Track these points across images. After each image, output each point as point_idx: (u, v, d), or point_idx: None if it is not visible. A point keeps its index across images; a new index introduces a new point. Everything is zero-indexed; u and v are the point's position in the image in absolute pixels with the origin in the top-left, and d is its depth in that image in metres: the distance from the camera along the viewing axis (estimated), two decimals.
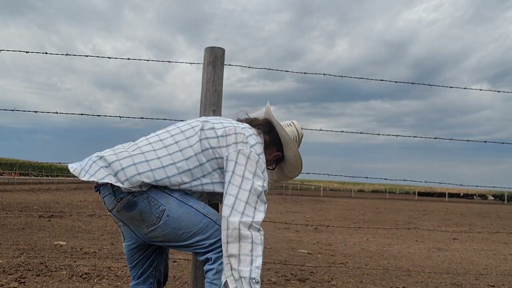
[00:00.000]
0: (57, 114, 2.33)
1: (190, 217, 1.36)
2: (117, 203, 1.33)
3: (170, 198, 1.36)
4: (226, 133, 1.43)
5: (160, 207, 1.33)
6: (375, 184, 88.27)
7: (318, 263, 4.34)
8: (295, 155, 1.67)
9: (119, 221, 1.42)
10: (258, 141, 1.49)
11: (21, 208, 8.94)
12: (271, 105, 1.67)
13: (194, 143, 1.40)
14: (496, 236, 8.01)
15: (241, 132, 1.45)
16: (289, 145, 1.65)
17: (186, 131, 1.45)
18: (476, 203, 33.21)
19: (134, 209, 1.33)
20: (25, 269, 3.22)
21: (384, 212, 15.32)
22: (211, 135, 1.43)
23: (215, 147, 1.41)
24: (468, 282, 3.67)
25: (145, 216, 1.33)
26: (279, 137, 1.66)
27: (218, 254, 1.35)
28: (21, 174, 42.48)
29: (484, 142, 2.89)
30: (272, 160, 1.71)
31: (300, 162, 1.69)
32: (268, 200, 4.86)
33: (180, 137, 1.43)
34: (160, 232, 1.35)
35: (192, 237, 1.36)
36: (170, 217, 1.34)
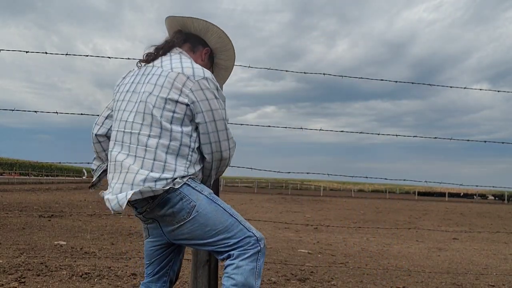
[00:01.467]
0: (57, 114, 2.33)
1: (217, 215, 1.41)
2: (151, 202, 1.36)
3: (200, 195, 1.41)
4: (169, 88, 1.41)
5: (191, 203, 1.37)
6: (375, 184, 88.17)
7: (318, 263, 4.34)
8: (219, 35, 1.63)
9: (147, 220, 1.45)
10: (191, 62, 1.48)
11: (21, 208, 8.94)
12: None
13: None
14: (496, 236, 8.01)
15: (176, 73, 1.43)
16: (209, 31, 1.62)
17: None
18: (476, 203, 33.20)
19: (167, 205, 1.36)
20: (25, 269, 3.22)
21: (384, 212, 15.33)
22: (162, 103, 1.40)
23: (175, 109, 1.41)
24: (468, 282, 3.67)
25: (177, 212, 1.37)
26: (197, 35, 1.63)
27: (240, 251, 1.39)
28: (21, 174, 42.48)
29: (484, 142, 2.89)
30: (207, 61, 1.68)
31: (228, 40, 1.65)
32: (268, 200, 4.84)
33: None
34: (188, 227, 1.38)
35: (217, 234, 1.39)
36: (199, 213, 1.38)
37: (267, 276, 3.45)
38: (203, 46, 1.66)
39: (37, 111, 2.32)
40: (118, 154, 1.42)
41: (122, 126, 1.45)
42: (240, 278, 1.35)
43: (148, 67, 1.52)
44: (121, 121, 1.46)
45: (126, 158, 1.40)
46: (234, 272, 1.36)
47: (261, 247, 1.43)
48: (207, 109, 1.43)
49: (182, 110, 1.41)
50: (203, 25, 1.60)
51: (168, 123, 1.40)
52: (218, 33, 1.63)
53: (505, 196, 43.83)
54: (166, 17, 1.64)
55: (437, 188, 67.82)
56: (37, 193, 15.55)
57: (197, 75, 1.44)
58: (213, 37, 1.65)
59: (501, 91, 2.87)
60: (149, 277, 1.59)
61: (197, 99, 1.42)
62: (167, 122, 1.40)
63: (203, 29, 1.62)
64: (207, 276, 1.84)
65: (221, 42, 1.66)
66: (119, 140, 1.45)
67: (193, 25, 1.61)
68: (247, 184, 57.13)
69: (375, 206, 19.76)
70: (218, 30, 1.62)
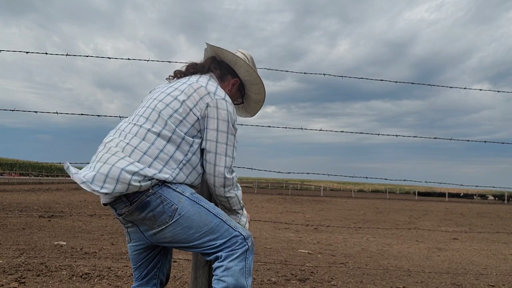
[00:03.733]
0: (57, 114, 2.33)
1: (201, 216, 1.37)
2: (130, 205, 1.33)
3: (182, 197, 1.37)
4: (188, 95, 1.44)
5: (172, 206, 1.34)
6: (375, 184, 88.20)
7: (318, 263, 4.34)
8: (247, 69, 1.65)
9: (127, 223, 1.41)
10: (217, 85, 1.51)
11: (21, 208, 8.94)
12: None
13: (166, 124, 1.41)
14: (496, 236, 8.00)
15: (199, 86, 1.46)
16: (237, 63, 1.64)
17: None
18: (476, 203, 33.20)
19: (147, 209, 1.33)
20: (25, 269, 3.22)
21: (384, 212, 15.32)
22: (177, 105, 1.42)
23: (185, 116, 1.41)
24: (468, 282, 3.67)
25: (158, 215, 1.33)
26: (228, 64, 1.66)
27: (228, 252, 1.37)
28: (21, 174, 42.47)
29: (484, 142, 2.89)
30: (235, 92, 1.70)
31: (255, 75, 1.66)
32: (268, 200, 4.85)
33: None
34: (170, 231, 1.35)
35: (202, 236, 1.37)
36: (182, 216, 1.34)
37: (267, 276, 3.45)
38: (232, 76, 1.67)
39: (37, 111, 2.32)
40: (112, 139, 1.40)
41: (130, 119, 1.46)
42: (231, 280, 1.33)
43: (176, 81, 1.55)
44: (133, 115, 1.48)
45: (118, 143, 1.37)
46: (223, 274, 1.34)
47: (249, 245, 1.41)
48: (213, 128, 1.43)
49: (192, 120, 1.41)
50: (231, 58, 1.62)
51: (174, 125, 1.39)
52: (245, 68, 1.64)
53: (505, 196, 43.82)
54: (206, 42, 1.68)
55: (437, 188, 67.84)
56: (37, 193, 15.55)
57: (218, 95, 1.46)
58: (242, 70, 1.66)
59: (502, 91, 2.87)
60: (138, 281, 1.56)
61: (208, 115, 1.43)
62: (173, 124, 1.39)
63: (232, 61, 1.64)
64: (207, 276, 1.84)
65: (249, 75, 1.67)
66: (120, 129, 1.44)
67: (223, 55, 1.64)
68: (247, 184, 57.12)
69: (375, 206, 19.75)
70: (245, 64, 1.63)
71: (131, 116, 1.50)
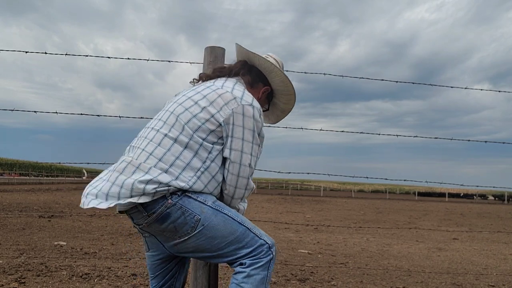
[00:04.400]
0: (56, 114, 2.33)
1: (226, 225, 1.31)
2: (148, 217, 1.28)
3: (205, 207, 1.31)
4: (211, 100, 1.36)
5: (195, 216, 1.28)
6: (375, 184, 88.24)
7: (318, 263, 4.33)
8: (282, 79, 1.58)
9: (145, 232, 1.37)
10: (244, 90, 1.44)
11: (21, 208, 8.94)
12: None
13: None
14: (496, 236, 8.00)
15: (224, 91, 1.39)
16: (272, 72, 1.57)
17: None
18: (476, 203, 33.19)
19: (167, 220, 1.27)
20: (25, 269, 3.22)
21: (384, 212, 15.32)
22: (196, 110, 1.36)
23: (204, 122, 1.34)
24: (468, 282, 3.67)
25: (179, 227, 1.28)
26: (260, 71, 1.58)
27: (253, 260, 1.32)
28: (21, 174, 42.47)
29: (484, 142, 2.89)
30: (264, 99, 1.63)
31: (291, 86, 1.60)
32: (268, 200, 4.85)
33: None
34: (193, 242, 1.30)
35: (227, 246, 1.31)
36: (205, 226, 1.29)
37: None
38: (263, 84, 1.60)
39: (36, 111, 2.32)
40: (129, 148, 1.38)
41: (151, 123, 1.43)
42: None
43: (200, 85, 1.49)
44: (154, 119, 1.44)
45: (135, 151, 1.34)
46: (244, 281, 1.30)
47: (273, 254, 1.36)
48: (238, 137, 1.35)
49: (213, 126, 1.34)
50: (268, 66, 1.55)
51: (191, 130, 1.33)
52: (281, 78, 1.57)
53: (505, 196, 43.82)
54: (236, 44, 1.60)
55: (437, 188, 67.87)
56: (37, 194, 15.54)
57: (245, 100, 1.38)
58: (276, 80, 1.59)
59: (502, 91, 2.87)
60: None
61: (233, 123, 1.35)
62: (190, 129, 1.33)
63: (267, 69, 1.56)
64: (207, 277, 1.84)
65: (283, 86, 1.60)
66: (140, 136, 1.41)
67: (259, 62, 1.56)
68: None
69: (375, 206, 19.75)
70: (282, 75, 1.56)
71: (152, 120, 1.45)
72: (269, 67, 1.55)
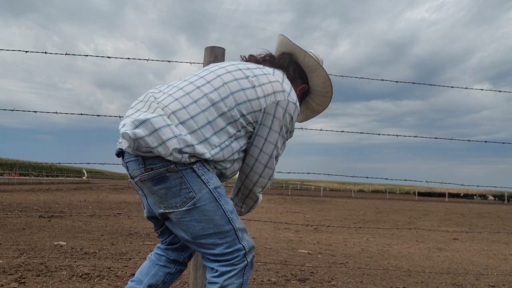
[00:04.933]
0: (56, 114, 2.33)
1: (215, 216, 1.24)
2: (144, 172, 1.20)
3: (204, 188, 1.22)
4: (261, 83, 1.32)
5: (190, 193, 1.20)
6: (375, 184, 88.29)
7: (318, 263, 4.33)
8: (324, 80, 1.52)
9: (139, 189, 1.30)
10: (291, 85, 1.40)
11: (21, 208, 8.94)
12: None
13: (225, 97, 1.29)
14: (497, 236, 8.00)
15: (276, 79, 1.35)
16: (316, 71, 1.51)
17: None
18: (476, 203, 33.19)
19: (161, 184, 1.20)
20: (25, 270, 3.22)
21: (384, 212, 15.32)
22: (246, 85, 1.30)
23: (249, 100, 1.29)
24: (469, 282, 3.67)
25: (170, 196, 1.20)
26: (301, 67, 1.53)
27: (226, 268, 1.25)
28: (21, 174, 42.46)
29: (484, 142, 2.89)
30: (299, 97, 1.55)
31: (330, 88, 1.54)
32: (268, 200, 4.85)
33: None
34: (176, 217, 1.23)
35: (207, 237, 1.24)
36: (196, 207, 1.21)
37: (267, 276, 3.45)
38: (302, 81, 1.55)
39: (36, 111, 2.32)
40: (154, 92, 1.29)
41: (187, 78, 1.35)
42: None
43: (249, 63, 1.43)
44: (189, 76, 1.37)
45: (164, 97, 1.25)
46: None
47: (248, 261, 1.30)
48: (276, 130, 1.32)
49: (255, 107, 1.29)
50: (312, 64, 1.49)
51: (236, 102, 1.26)
52: (324, 79, 1.52)
53: (505, 196, 43.83)
54: (281, 34, 1.54)
55: (437, 188, 67.90)
56: (37, 194, 15.54)
57: (291, 97, 1.35)
58: (318, 79, 1.53)
59: (502, 91, 2.87)
60: (164, 245, 1.49)
61: (274, 114, 1.31)
62: (235, 101, 1.26)
63: (311, 68, 1.51)
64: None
65: (323, 87, 1.55)
66: (172, 85, 1.32)
67: (304, 59, 1.50)
68: None
69: (375, 206, 19.75)
70: (325, 76, 1.51)
71: (189, 76, 1.35)
72: (313, 66, 1.50)
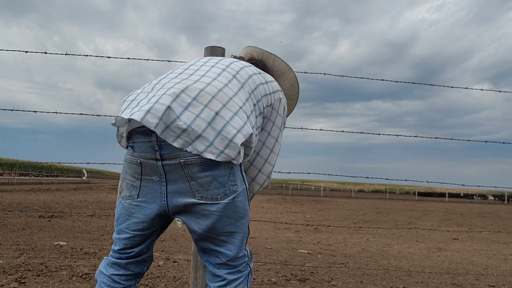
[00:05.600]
0: (56, 114, 2.33)
1: (245, 215, 1.19)
2: (198, 155, 1.07)
3: (243, 184, 1.17)
4: (267, 80, 1.34)
5: (235, 186, 1.13)
6: (375, 184, 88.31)
7: (318, 263, 4.33)
8: (292, 82, 1.56)
9: (158, 175, 1.12)
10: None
11: (21, 208, 8.93)
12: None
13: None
14: (496, 236, 8.00)
15: (271, 79, 1.39)
16: (285, 75, 1.54)
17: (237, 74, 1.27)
18: (476, 203, 33.19)
19: (210, 171, 1.08)
20: (25, 270, 3.22)
21: (384, 212, 15.32)
22: (260, 80, 1.31)
23: (267, 94, 1.30)
24: (468, 282, 3.67)
25: (214, 186, 1.10)
26: (270, 73, 1.55)
27: (233, 275, 1.20)
28: (21, 174, 42.44)
29: (484, 142, 2.89)
30: None
31: (298, 91, 1.58)
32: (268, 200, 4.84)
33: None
34: (210, 209, 1.12)
35: (230, 234, 1.17)
36: (234, 201, 1.13)
37: (267, 276, 3.45)
38: None
39: (36, 111, 2.32)
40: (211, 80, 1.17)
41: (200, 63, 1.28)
42: None
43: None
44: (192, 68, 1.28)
45: (223, 87, 1.16)
46: None
47: (251, 268, 1.28)
48: (277, 125, 1.35)
49: (269, 102, 1.31)
50: (282, 67, 1.52)
51: (260, 95, 1.26)
52: (292, 80, 1.55)
53: (505, 196, 43.83)
54: (248, 46, 1.56)
55: (437, 188, 67.89)
56: (37, 194, 15.54)
57: (284, 98, 1.40)
58: (286, 82, 1.55)
59: (502, 91, 2.87)
60: (127, 259, 1.26)
61: (276, 109, 1.34)
62: (260, 93, 1.26)
63: (281, 71, 1.53)
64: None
65: (291, 89, 1.57)
66: (196, 70, 1.24)
67: (273, 63, 1.52)
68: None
69: (375, 206, 19.75)
70: (294, 77, 1.54)
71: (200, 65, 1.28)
72: (283, 69, 1.52)
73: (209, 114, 1.08)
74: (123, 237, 1.24)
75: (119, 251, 1.26)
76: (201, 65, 1.27)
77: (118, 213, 1.25)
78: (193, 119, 1.06)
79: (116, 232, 1.28)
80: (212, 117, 1.07)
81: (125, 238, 1.24)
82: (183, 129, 1.05)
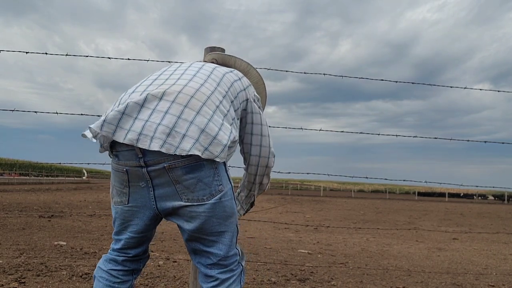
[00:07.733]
0: (57, 114, 2.33)
1: (233, 214, 1.22)
2: (182, 158, 1.09)
3: (229, 184, 1.20)
4: (239, 77, 1.41)
5: (220, 186, 1.15)
6: (375, 184, 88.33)
7: (318, 263, 4.34)
8: (257, 80, 1.63)
9: (142, 181, 1.16)
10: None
11: (21, 208, 8.94)
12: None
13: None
14: (496, 236, 8.00)
15: (242, 75, 1.45)
16: (248, 73, 1.60)
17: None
18: (476, 203, 33.19)
19: (195, 173, 1.11)
20: (25, 269, 3.22)
21: (384, 212, 15.32)
22: (234, 77, 1.38)
23: (242, 90, 1.37)
24: (468, 282, 3.67)
25: (199, 187, 1.12)
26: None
27: (226, 275, 1.21)
28: (21, 174, 42.43)
29: (484, 142, 2.89)
30: None
31: (264, 88, 1.64)
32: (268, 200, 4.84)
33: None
34: (197, 210, 1.14)
35: (220, 234, 1.19)
36: (220, 201, 1.16)
37: (267, 276, 3.45)
38: None
39: (37, 111, 2.32)
40: (187, 82, 1.21)
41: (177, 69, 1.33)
42: None
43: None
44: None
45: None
46: None
47: (243, 266, 1.28)
48: (251, 111, 1.39)
49: (243, 98, 1.35)
50: (244, 66, 1.59)
51: (236, 93, 1.31)
52: (256, 79, 1.61)
53: (505, 196, 43.83)
54: (208, 54, 1.65)
55: (437, 188, 67.91)
56: (37, 193, 15.54)
57: (255, 90, 1.47)
58: (251, 81, 1.60)
59: (502, 91, 2.87)
60: (126, 257, 1.31)
61: (252, 100, 1.40)
62: (236, 91, 1.32)
63: (243, 70, 1.60)
64: None
65: (257, 88, 1.63)
66: (171, 74, 1.28)
67: (234, 63, 1.60)
68: None
69: (375, 206, 19.75)
70: (257, 76, 1.61)
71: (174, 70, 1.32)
72: (245, 68, 1.59)
73: (190, 114, 1.11)
74: (121, 238, 1.31)
75: (118, 250, 1.32)
76: (174, 70, 1.32)
77: (113, 216, 1.32)
78: (175, 121, 1.09)
79: (114, 233, 1.35)
80: (193, 116, 1.11)
81: (123, 239, 1.30)
82: (167, 133, 1.08)
